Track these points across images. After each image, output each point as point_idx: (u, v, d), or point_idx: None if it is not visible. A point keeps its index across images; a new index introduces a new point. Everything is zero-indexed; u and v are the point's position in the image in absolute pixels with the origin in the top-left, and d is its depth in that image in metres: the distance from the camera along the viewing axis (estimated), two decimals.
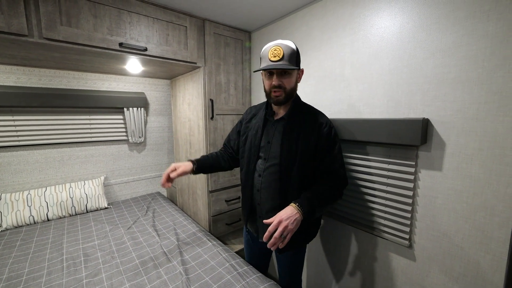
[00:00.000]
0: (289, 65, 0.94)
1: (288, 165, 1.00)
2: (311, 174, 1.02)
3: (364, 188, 1.24)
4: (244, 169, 1.16)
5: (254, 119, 1.17)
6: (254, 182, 1.10)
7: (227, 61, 1.74)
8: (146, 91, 2.20)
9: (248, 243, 1.30)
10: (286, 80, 0.97)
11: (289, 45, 0.95)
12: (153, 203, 2.05)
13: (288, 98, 1.01)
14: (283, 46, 0.94)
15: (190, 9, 1.47)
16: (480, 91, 0.87)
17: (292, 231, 0.86)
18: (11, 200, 1.61)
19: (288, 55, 0.93)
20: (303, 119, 1.03)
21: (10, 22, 1.00)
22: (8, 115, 1.62)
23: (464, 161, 0.93)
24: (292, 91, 1.01)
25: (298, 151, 0.99)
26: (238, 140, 1.25)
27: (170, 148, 2.43)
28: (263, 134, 1.09)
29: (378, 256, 1.23)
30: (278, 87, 0.97)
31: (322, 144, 1.00)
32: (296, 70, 1.00)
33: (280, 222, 0.85)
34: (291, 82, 0.99)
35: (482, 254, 0.91)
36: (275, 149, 1.03)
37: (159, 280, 1.11)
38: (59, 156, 1.85)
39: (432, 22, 0.96)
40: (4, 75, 1.59)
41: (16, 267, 1.21)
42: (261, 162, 1.08)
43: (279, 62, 0.93)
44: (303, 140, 0.99)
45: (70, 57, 1.40)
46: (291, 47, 0.95)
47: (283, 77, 0.97)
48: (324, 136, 1.00)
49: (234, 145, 1.28)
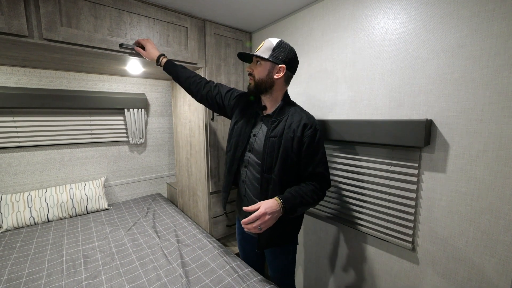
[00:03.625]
0: (259, 54, 1.00)
1: (271, 164, 1.01)
2: (293, 174, 1.02)
3: (366, 190, 1.22)
4: (230, 153, 1.17)
5: (248, 108, 1.16)
6: (241, 172, 1.14)
7: (228, 62, 1.73)
8: (147, 92, 2.19)
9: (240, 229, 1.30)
10: (257, 70, 1.03)
11: (271, 40, 1.01)
12: (153, 204, 2.04)
13: (257, 88, 1.05)
14: (266, 41, 1.02)
15: (191, 10, 1.46)
16: (484, 91, 0.86)
17: (268, 225, 0.89)
18: (12, 201, 1.61)
19: (265, 47, 1.01)
20: (289, 119, 1.02)
21: (10, 23, 0.99)
22: (9, 116, 1.62)
23: (468, 163, 0.91)
24: (261, 82, 1.03)
25: (280, 150, 0.99)
26: (220, 96, 1.24)
27: (170, 149, 2.43)
28: (253, 126, 1.11)
29: (380, 259, 1.22)
30: (250, 75, 1.06)
31: (306, 146, 0.99)
32: (269, 63, 1.00)
33: (264, 215, 0.87)
34: (260, 72, 1.02)
35: (487, 258, 0.90)
36: (259, 145, 1.06)
37: (159, 282, 1.10)
38: (60, 157, 1.85)
39: (435, 22, 0.95)
40: (5, 76, 1.59)
41: (16, 268, 1.20)
42: (248, 154, 1.11)
43: (256, 52, 1.02)
44: (286, 139, 0.99)
45: (70, 58, 1.40)
46: (270, 42, 1.01)
47: (255, 66, 1.04)
48: (308, 138, 0.99)
49: (216, 94, 1.24)
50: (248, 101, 1.18)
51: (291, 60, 1.02)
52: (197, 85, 1.26)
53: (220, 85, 1.28)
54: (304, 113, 1.05)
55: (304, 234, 1.61)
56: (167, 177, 2.45)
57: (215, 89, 1.25)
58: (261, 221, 0.86)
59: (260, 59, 1.01)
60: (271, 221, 0.89)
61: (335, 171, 1.35)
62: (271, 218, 0.88)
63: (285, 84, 1.07)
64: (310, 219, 1.56)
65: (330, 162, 1.36)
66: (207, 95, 1.25)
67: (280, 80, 1.03)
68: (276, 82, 1.03)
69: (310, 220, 1.56)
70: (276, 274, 1.20)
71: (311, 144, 0.99)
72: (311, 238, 1.56)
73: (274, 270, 1.21)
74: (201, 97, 1.27)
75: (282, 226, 1.07)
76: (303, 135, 0.99)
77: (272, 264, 1.20)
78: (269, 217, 0.87)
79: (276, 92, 1.06)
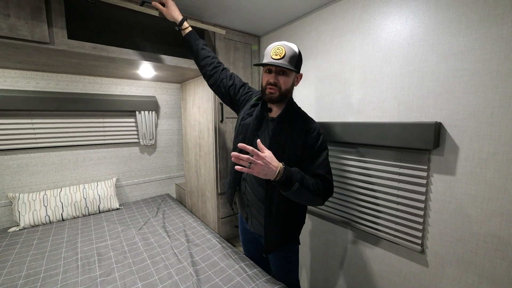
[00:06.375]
0: (289, 65, 0.95)
1: None
2: None
3: (375, 192, 1.23)
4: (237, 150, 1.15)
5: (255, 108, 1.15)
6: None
7: (237, 65, 1.77)
8: (157, 95, 2.25)
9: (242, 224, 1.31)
10: (283, 80, 0.99)
11: (291, 47, 0.97)
12: (162, 204, 2.09)
13: (281, 97, 1.01)
14: (286, 47, 0.96)
15: (201, 16, 1.50)
16: (494, 95, 0.86)
17: (256, 172, 0.84)
18: (29, 200, 1.67)
19: (289, 56, 0.96)
20: (293, 124, 1.03)
21: (33, 31, 1.05)
22: (27, 118, 1.69)
23: (478, 165, 0.91)
24: (286, 92, 1.02)
25: (285, 155, 0.99)
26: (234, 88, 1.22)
27: (179, 150, 2.47)
28: (258, 127, 1.09)
29: (389, 261, 1.22)
30: (274, 85, 0.99)
31: (309, 151, 0.99)
32: (294, 73, 1.01)
33: (261, 158, 0.83)
34: (287, 83, 1.00)
35: (498, 261, 0.89)
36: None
37: (170, 280, 1.13)
38: (74, 158, 1.91)
39: (444, 25, 0.96)
40: (25, 80, 1.66)
41: (34, 264, 1.25)
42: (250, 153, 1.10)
43: (279, 60, 0.95)
44: (290, 145, 1.00)
45: (87, 63, 1.46)
46: (293, 49, 0.97)
47: (281, 76, 0.99)
48: (311, 142, 0.99)
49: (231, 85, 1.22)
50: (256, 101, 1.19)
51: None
52: (214, 68, 1.23)
53: (236, 76, 1.26)
54: (307, 118, 1.06)
55: (312, 236, 1.62)
56: (176, 178, 2.50)
57: (231, 80, 1.23)
58: (255, 159, 0.82)
59: (288, 70, 0.98)
60: (261, 169, 0.83)
61: (344, 173, 1.36)
62: (263, 165, 0.83)
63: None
64: (318, 221, 1.57)
65: (339, 164, 1.38)
66: (222, 82, 1.22)
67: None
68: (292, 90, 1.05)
69: (318, 222, 1.57)
70: (280, 275, 1.21)
71: (313, 149, 1.00)
72: (319, 240, 1.57)
73: (277, 271, 1.21)
74: (214, 82, 1.24)
75: (287, 228, 1.09)
76: (307, 140, 1.00)
77: (276, 265, 1.21)
78: (262, 163, 0.82)
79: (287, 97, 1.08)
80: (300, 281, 1.50)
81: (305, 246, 1.66)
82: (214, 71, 1.23)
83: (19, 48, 1.13)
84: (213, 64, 1.23)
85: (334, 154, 1.38)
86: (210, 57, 1.24)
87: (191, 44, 1.24)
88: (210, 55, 1.24)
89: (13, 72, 1.62)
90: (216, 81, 1.23)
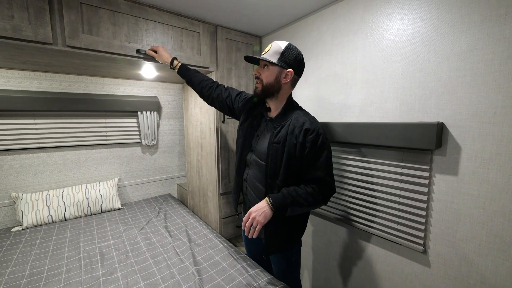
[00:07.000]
0: (267, 58, 1.00)
1: (275, 170, 1.01)
2: (297, 178, 1.02)
3: (377, 192, 1.23)
4: (238, 154, 1.20)
5: (254, 109, 1.18)
6: (243, 171, 1.17)
7: (238, 66, 1.77)
8: (159, 95, 2.26)
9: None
10: (264, 74, 1.03)
11: (278, 43, 1.01)
12: (164, 204, 2.09)
13: (265, 92, 1.05)
14: (274, 44, 1.01)
15: (204, 16, 1.51)
16: (497, 95, 0.86)
17: (260, 222, 0.93)
18: (31, 200, 1.68)
19: (273, 51, 1.00)
20: (292, 124, 1.02)
21: (37, 32, 1.06)
22: (30, 118, 1.70)
23: (481, 165, 0.91)
24: (270, 86, 1.03)
25: (284, 156, 0.99)
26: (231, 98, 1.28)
27: (181, 150, 2.48)
28: (257, 127, 1.14)
29: (391, 261, 1.22)
30: (257, 78, 1.06)
31: (308, 151, 0.98)
32: (277, 67, 1.01)
33: (250, 214, 0.94)
34: (268, 77, 1.02)
35: (500, 261, 0.89)
36: (261, 146, 1.08)
37: (172, 280, 1.14)
38: (76, 158, 1.92)
39: (446, 26, 0.96)
40: (28, 81, 1.67)
41: (37, 264, 1.26)
42: (250, 154, 1.14)
43: (263, 55, 1.02)
44: (288, 146, 0.99)
45: (89, 64, 1.47)
46: (279, 45, 1.01)
47: (263, 70, 1.04)
48: (310, 143, 0.98)
49: (226, 97, 1.28)
50: (254, 103, 1.20)
51: (299, 64, 1.03)
52: (209, 89, 1.31)
53: (231, 88, 1.32)
54: (307, 117, 1.04)
55: (313, 236, 1.62)
56: (177, 178, 2.50)
57: (226, 92, 1.30)
58: (250, 221, 0.93)
59: (268, 63, 1.01)
60: (262, 218, 0.93)
61: (345, 173, 1.36)
62: (258, 216, 0.93)
63: (291, 87, 1.08)
64: (320, 221, 1.57)
65: (341, 164, 1.38)
66: (218, 97, 1.29)
67: (287, 84, 1.05)
68: (283, 87, 1.04)
69: (320, 222, 1.57)
70: (281, 275, 1.21)
71: (312, 149, 0.98)
72: (321, 240, 1.57)
73: (279, 271, 1.21)
74: (212, 100, 1.32)
75: (288, 231, 1.09)
76: (305, 140, 0.98)
77: (277, 265, 1.21)
78: (255, 216, 0.93)
79: (281, 95, 1.07)
80: (301, 281, 1.51)
81: (307, 246, 1.66)
82: (209, 91, 1.31)
83: (23, 49, 1.14)
84: (208, 85, 1.31)
85: (336, 154, 1.38)
86: (204, 81, 1.32)
87: (185, 75, 1.35)
88: (203, 79, 1.33)
89: (16, 72, 1.63)
90: (213, 99, 1.31)
